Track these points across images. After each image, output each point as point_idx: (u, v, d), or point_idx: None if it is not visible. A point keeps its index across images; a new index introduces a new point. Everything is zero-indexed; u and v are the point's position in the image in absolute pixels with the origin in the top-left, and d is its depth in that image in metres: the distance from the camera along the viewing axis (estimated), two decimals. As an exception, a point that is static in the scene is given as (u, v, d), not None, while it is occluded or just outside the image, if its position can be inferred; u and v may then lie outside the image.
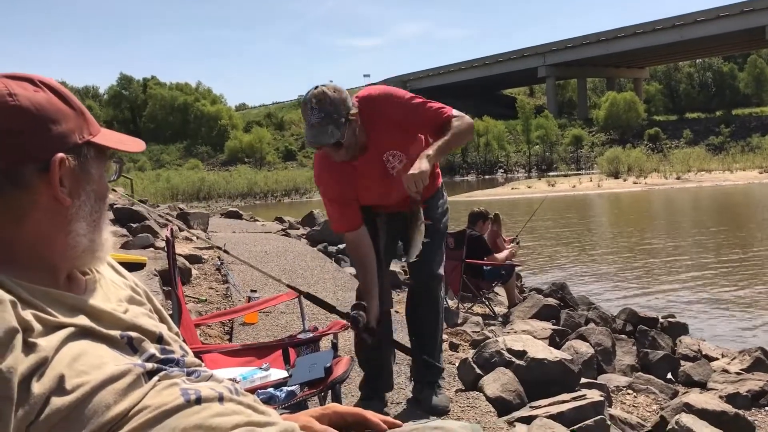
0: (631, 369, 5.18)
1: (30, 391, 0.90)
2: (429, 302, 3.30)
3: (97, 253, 1.11)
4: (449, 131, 2.84)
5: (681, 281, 10.93)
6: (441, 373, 3.41)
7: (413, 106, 2.88)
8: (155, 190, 43.15)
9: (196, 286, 6.50)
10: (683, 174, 42.27)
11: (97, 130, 1.12)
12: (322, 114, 2.65)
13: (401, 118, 2.85)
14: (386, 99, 2.88)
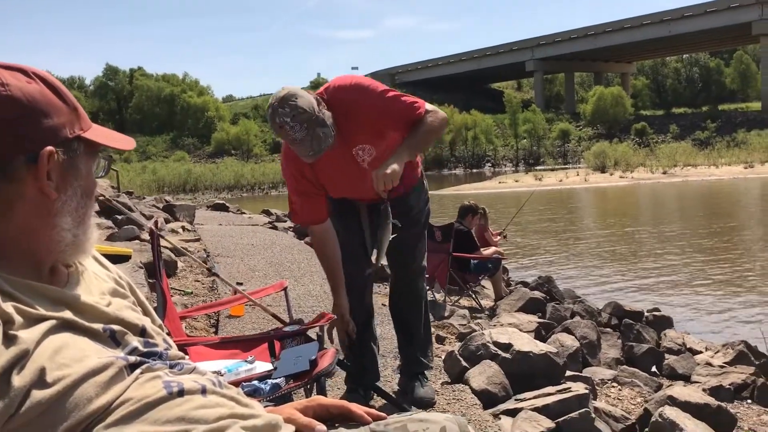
0: (616, 362, 5.22)
1: (10, 384, 0.89)
2: (410, 294, 3.27)
3: (82, 247, 1.10)
4: (422, 128, 2.75)
5: (666, 275, 11.01)
6: (428, 365, 3.39)
7: (386, 100, 2.74)
8: (141, 182, 42.92)
9: (182, 278, 6.47)
10: (669, 168, 42.55)
11: (88, 125, 1.11)
12: (304, 125, 2.52)
13: (373, 112, 2.71)
14: (358, 90, 2.73)
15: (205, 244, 9.13)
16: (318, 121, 2.55)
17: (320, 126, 2.56)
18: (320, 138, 2.57)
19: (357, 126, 2.74)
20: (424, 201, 3.23)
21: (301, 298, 5.68)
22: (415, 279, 3.26)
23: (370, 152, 2.83)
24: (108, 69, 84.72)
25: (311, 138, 2.55)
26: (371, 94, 2.74)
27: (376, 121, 2.74)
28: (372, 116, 2.72)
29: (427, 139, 2.81)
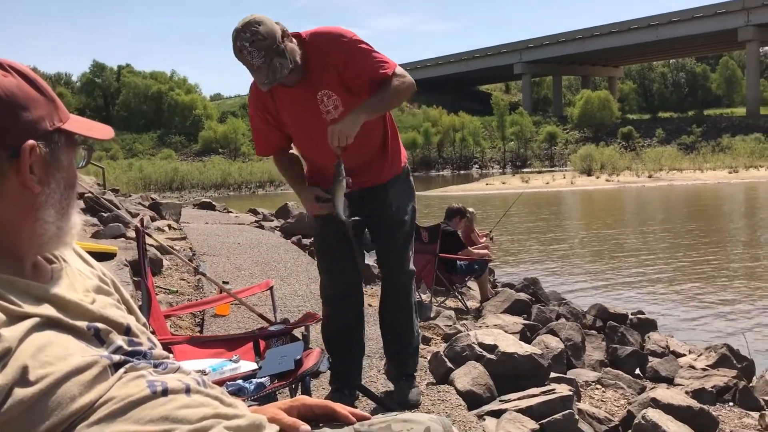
0: (600, 364, 5.25)
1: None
2: (400, 298, 3.23)
3: (64, 239, 1.09)
4: (386, 89, 2.72)
5: (651, 278, 11.08)
6: (415, 367, 3.36)
7: (357, 50, 2.72)
8: (127, 179, 42.65)
9: (167, 276, 6.44)
10: (655, 172, 42.79)
11: (67, 116, 1.10)
12: (262, 53, 2.53)
13: (341, 57, 2.70)
14: (331, 37, 2.73)
15: (191, 242, 9.10)
16: (277, 50, 2.56)
17: (278, 56, 2.56)
18: (276, 68, 2.56)
19: (324, 69, 2.73)
20: (407, 197, 3.14)
21: (287, 298, 5.67)
22: (405, 283, 3.20)
23: (335, 104, 2.77)
24: (95, 65, 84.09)
25: (267, 66, 2.56)
26: (344, 40, 2.73)
27: (343, 68, 2.72)
28: (339, 61, 2.71)
29: (389, 101, 2.77)
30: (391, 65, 2.78)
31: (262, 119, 2.93)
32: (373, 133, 2.95)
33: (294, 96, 2.79)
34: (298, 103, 2.81)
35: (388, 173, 3.03)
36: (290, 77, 2.69)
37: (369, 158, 2.97)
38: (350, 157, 2.75)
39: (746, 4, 64.18)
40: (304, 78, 2.73)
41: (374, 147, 2.98)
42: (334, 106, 2.77)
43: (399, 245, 3.13)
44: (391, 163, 3.04)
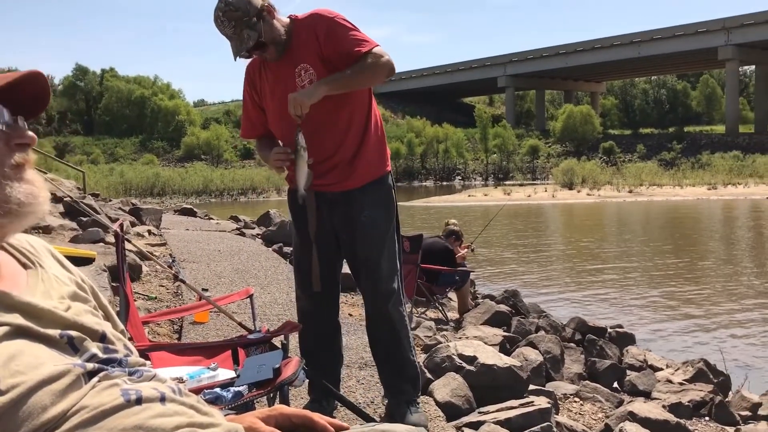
0: (578, 377, 5.27)
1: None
2: (382, 322, 3.03)
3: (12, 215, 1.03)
4: (356, 65, 2.72)
5: (630, 292, 11.16)
6: (415, 390, 3.13)
7: (337, 25, 2.76)
8: (108, 184, 42.37)
9: (146, 283, 6.38)
10: (635, 187, 43.21)
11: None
12: (232, 23, 2.61)
13: (322, 31, 2.75)
14: (317, 14, 2.79)
15: (171, 248, 9.03)
16: (248, 23, 2.63)
17: (248, 28, 2.63)
18: (242, 38, 2.64)
19: (305, 43, 2.78)
20: (385, 208, 2.97)
21: (266, 306, 5.64)
22: (385, 303, 2.98)
23: (312, 77, 2.77)
24: (78, 69, 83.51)
25: (237, 36, 2.64)
26: (327, 16, 2.79)
27: (324, 41, 2.75)
28: (321, 35, 2.75)
29: (358, 77, 2.72)
30: (369, 44, 2.76)
31: (249, 96, 2.97)
32: (350, 124, 2.87)
33: (275, 71, 2.84)
34: (278, 79, 2.84)
35: (363, 176, 2.89)
36: (270, 52, 2.75)
37: (341, 152, 2.86)
38: (318, 141, 2.75)
39: (726, 24, 65.27)
40: (287, 53, 2.79)
41: (349, 140, 2.87)
42: (310, 80, 2.76)
43: (371, 260, 2.93)
44: (368, 166, 2.90)
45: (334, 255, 3.04)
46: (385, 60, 2.75)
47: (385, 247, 2.97)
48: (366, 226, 2.91)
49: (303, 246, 3.01)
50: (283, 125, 2.83)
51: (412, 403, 3.07)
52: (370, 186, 2.91)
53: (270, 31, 2.70)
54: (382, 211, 2.96)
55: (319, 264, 2.93)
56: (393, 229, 3.02)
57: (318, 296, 3.03)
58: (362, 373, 3.90)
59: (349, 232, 2.95)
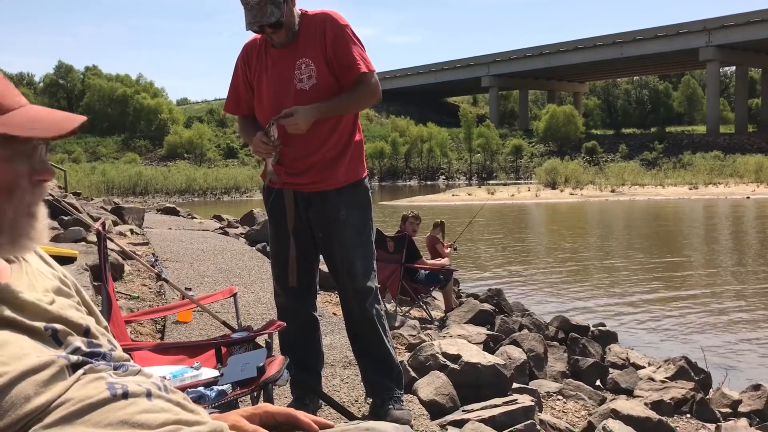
0: (561, 375, 5.30)
1: None
2: (362, 321, 3.05)
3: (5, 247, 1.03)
4: (354, 92, 2.82)
5: (612, 291, 11.25)
6: (398, 386, 3.14)
7: (347, 36, 2.83)
8: (90, 183, 42.01)
9: (128, 282, 6.34)
10: (618, 187, 43.54)
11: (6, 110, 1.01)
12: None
13: (330, 36, 2.81)
14: (330, 16, 2.85)
15: (154, 248, 8.97)
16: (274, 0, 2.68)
17: (273, 4, 2.67)
18: (264, 12, 2.67)
19: (313, 39, 2.82)
20: (361, 209, 3.00)
21: (250, 305, 5.62)
22: (361, 301, 3.01)
23: (310, 74, 2.81)
24: (60, 66, 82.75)
25: (259, 8, 2.66)
26: (340, 23, 2.85)
27: (330, 44, 2.80)
28: (329, 37, 2.81)
29: (348, 104, 2.85)
30: (369, 66, 2.85)
31: (243, 72, 2.97)
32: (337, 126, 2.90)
33: (277, 57, 2.86)
34: (277, 65, 2.87)
35: (342, 178, 2.93)
36: (279, 37, 2.78)
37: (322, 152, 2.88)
38: (301, 136, 2.76)
39: (707, 25, 66.00)
40: (293, 43, 2.83)
41: (332, 141, 2.90)
42: (308, 76, 2.81)
43: (349, 256, 2.97)
44: (348, 170, 2.95)
45: (310, 250, 3.07)
46: (376, 89, 2.88)
47: (362, 246, 3.01)
48: (342, 226, 2.94)
49: (280, 241, 3.03)
50: (268, 111, 2.86)
51: (396, 400, 3.08)
52: (347, 188, 2.95)
53: (289, 16, 2.76)
54: (359, 212, 2.99)
55: (296, 259, 2.97)
56: (369, 229, 3.06)
57: (295, 291, 3.06)
58: (346, 372, 3.90)
59: (325, 232, 2.98)
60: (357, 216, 2.98)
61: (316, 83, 2.81)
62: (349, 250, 2.97)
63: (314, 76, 2.81)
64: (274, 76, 2.87)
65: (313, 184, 2.91)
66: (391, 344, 3.16)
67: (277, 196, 2.98)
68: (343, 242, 2.96)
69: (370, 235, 3.06)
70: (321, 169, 2.90)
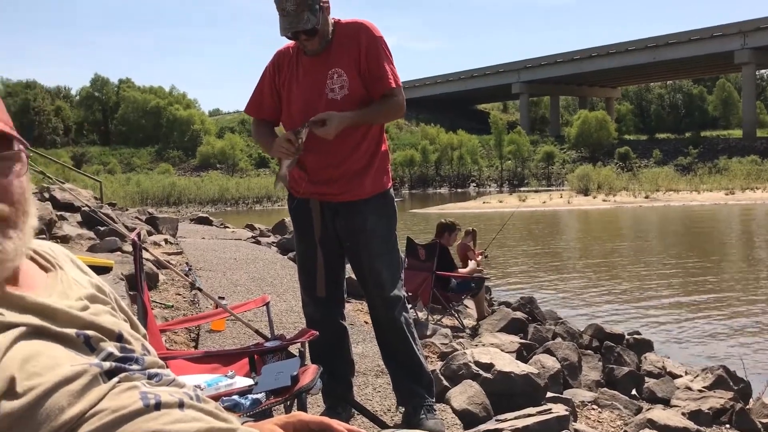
0: (596, 384, 5.23)
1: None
2: (390, 329, 3.05)
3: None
4: (382, 105, 2.86)
5: (647, 298, 11.08)
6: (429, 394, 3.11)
7: (380, 48, 2.86)
8: (125, 193, 42.63)
9: (163, 291, 6.42)
10: (652, 193, 42.91)
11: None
12: (298, 1, 2.67)
13: (364, 47, 2.83)
14: (364, 26, 2.87)
15: (188, 257, 9.07)
16: (311, 7, 2.69)
17: (309, 11, 2.69)
18: (300, 18, 2.68)
19: (346, 49, 2.84)
20: (387, 218, 3.02)
21: (282, 314, 5.65)
22: (390, 312, 3.01)
23: (342, 84, 2.83)
24: (96, 79, 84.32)
25: (296, 15, 2.68)
26: (374, 34, 2.87)
27: (363, 55, 2.83)
28: (362, 48, 2.83)
29: (375, 115, 2.89)
30: (397, 82, 2.89)
31: (271, 78, 2.99)
32: (366, 135, 2.93)
33: (308, 66, 2.88)
34: (309, 73, 2.88)
35: (369, 189, 2.95)
36: (313, 45, 2.80)
37: (351, 161, 2.91)
38: (331, 145, 2.78)
39: (742, 27, 64.85)
40: (325, 51, 2.84)
41: (361, 151, 2.93)
42: (340, 86, 2.84)
43: (376, 265, 2.98)
44: (375, 180, 2.97)
45: (337, 260, 3.10)
46: (402, 104, 2.92)
47: (388, 255, 3.04)
48: (369, 235, 2.97)
49: (307, 251, 3.06)
50: (298, 119, 2.87)
51: (428, 409, 3.07)
52: (373, 198, 2.98)
53: (324, 24, 2.78)
54: (385, 221, 3.02)
55: (324, 269, 3.00)
56: (395, 238, 3.10)
57: (323, 301, 3.07)
58: (379, 381, 3.89)
59: (352, 241, 3.00)
60: (383, 226, 3.00)
61: (347, 93, 2.83)
62: (376, 259, 2.99)
63: (346, 87, 2.83)
64: (305, 84, 2.88)
65: (340, 194, 2.93)
66: (421, 352, 3.16)
67: (303, 206, 3.00)
68: (370, 252, 2.98)
69: (396, 244, 3.10)
70: (349, 179, 2.92)
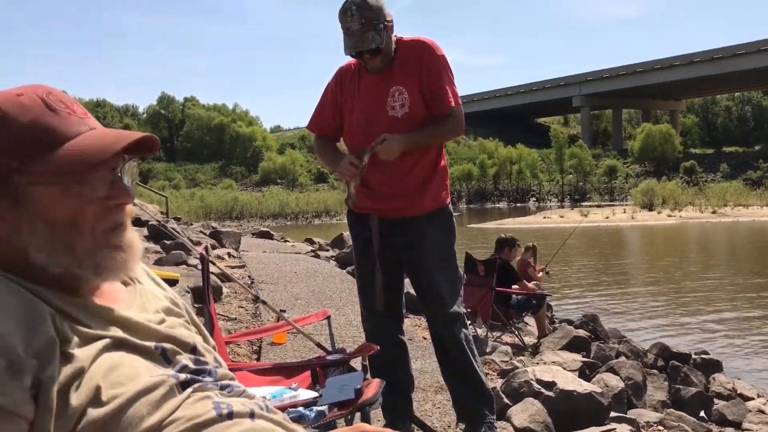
0: (662, 405, 5.08)
1: (68, 402, 0.91)
2: (450, 345, 3.04)
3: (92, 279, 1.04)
4: (442, 125, 2.87)
5: (715, 317, 10.71)
6: (489, 411, 3.07)
7: (442, 68, 2.87)
8: (189, 208, 43.69)
9: (226, 304, 6.55)
10: (719, 208, 41.57)
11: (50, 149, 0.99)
12: (362, 20, 2.68)
13: (426, 66, 2.84)
14: (428, 45, 2.87)
15: (250, 270, 9.24)
16: (376, 26, 2.71)
17: (374, 30, 2.70)
18: (365, 38, 2.70)
19: (408, 68, 2.85)
20: (447, 234, 3.02)
21: (342, 328, 5.69)
22: (448, 326, 3.01)
23: (403, 102, 2.84)
24: (162, 98, 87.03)
25: (360, 34, 2.69)
26: (437, 53, 2.88)
27: (425, 75, 2.84)
28: (425, 67, 2.84)
29: (438, 136, 2.92)
30: (457, 101, 2.90)
31: (333, 95, 3.02)
32: (427, 151, 2.95)
33: (370, 84, 2.90)
34: (371, 91, 2.91)
35: (428, 204, 2.96)
36: (375, 63, 2.82)
37: (412, 176, 2.93)
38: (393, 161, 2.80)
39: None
40: (387, 69, 2.87)
41: (421, 166, 2.95)
42: (401, 104, 2.85)
43: (435, 280, 2.98)
44: (434, 195, 2.99)
45: (396, 275, 3.11)
46: (461, 123, 2.93)
47: (447, 271, 3.03)
48: (428, 251, 2.97)
49: (366, 266, 3.07)
50: (359, 137, 2.91)
51: (489, 426, 3.04)
52: (432, 213, 2.99)
53: (388, 42, 2.81)
54: (445, 237, 3.02)
55: (382, 284, 3.01)
56: (454, 254, 3.09)
57: (383, 316, 3.09)
58: (438, 397, 3.88)
59: (411, 257, 3.01)
60: (443, 241, 3.00)
61: (408, 112, 2.85)
62: (435, 275, 2.98)
63: (407, 105, 2.85)
64: (366, 102, 2.91)
65: (400, 209, 2.95)
66: (481, 368, 3.14)
67: (363, 221, 3.03)
68: (429, 267, 2.98)
69: (455, 260, 3.09)
70: (408, 195, 2.94)
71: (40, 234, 0.99)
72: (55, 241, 0.99)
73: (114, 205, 1.05)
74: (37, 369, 0.90)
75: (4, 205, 0.99)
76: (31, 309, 0.95)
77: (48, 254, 0.99)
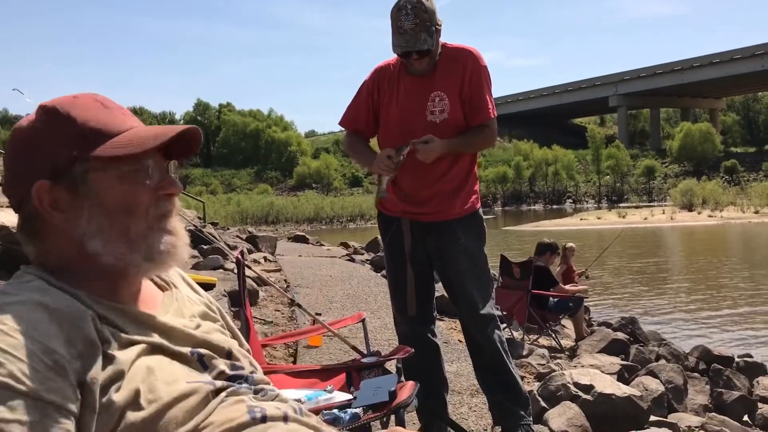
0: (703, 409, 4.98)
1: (110, 402, 0.94)
2: (484, 348, 3.03)
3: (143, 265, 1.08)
4: (478, 134, 2.89)
5: (758, 319, 10.46)
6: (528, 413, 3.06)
7: (483, 79, 2.88)
8: (226, 213, 44.27)
9: (262, 307, 6.61)
10: (762, 208, 40.60)
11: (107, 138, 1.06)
12: (417, 20, 2.68)
13: (468, 74, 2.85)
14: (472, 54, 2.89)
15: (286, 274, 9.31)
16: (428, 28, 2.71)
17: (426, 32, 2.71)
18: (418, 39, 2.70)
19: (450, 74, 2.85)
20: (478, 238, 3.03)
21: (377, 331, 5.70)
22: (482, 330, 3.00)
23: (443, 107, 2.85)
24: (198, 104, 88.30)
25: (413, 34, 2.69)
26: (481, 63, 2.89)
27: (467, 83, 2.84)
28: (467, 75, 2.85)
29: (474, 144, 2.95)
30: (493, 113, 2.92)
31: (369, 94, 3.01)
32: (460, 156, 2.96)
33: (410, 87, 2.90)
34: (411, 94, 2.91)
35: (460, 209, 2.97)
36: (421, 65, 2.82)
37: (445, 181, 2.94)
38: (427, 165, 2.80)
39: None
40: (430, 73, 2.86)
41: (455, 171, 2.95)
42: (441, 109, 2.86)
43: (467, 283, 2.98)
44: (465, 201, 3.00)
45: (428, 279, 3.11)
46: (495, 135, 2.98)
47: (479, 274, 3.03)
48: (460, 255, 2.97)
49: (398, 270, 3.08)
50: (396, 138, 2.90)
51: (526, 429, 3.02)
52: (464, 218, 2.99)
53: (436, 46, 2.81)
54: (475, 241, 3.02)
55: (414, 288, 3.01)
56: (485, 257, 3.08)
57: (415, 319, 3.08)
58: (474, 401, 3.87)
59: (443, 261, 3.01)
60: (474, 245, 3.00)
61: (446, 118, 2.85)
62: (466, 278, 2.99)
63: (446, 111, 2.85)
64: (405, 104, 2.91)
65: (432, 214, 2.95)
66: (516, 370, 3.12)
67: (395, 225, 3.04)
68: (461, 271, 2.98)
69: (486, 263, 3.08)
70: (441, 200, 2.94)
71: (98, 219, 1.04)
72: (112, 227, 1.05)
73: (164, 194, 1.10)
74: (81, 370, 0.93)
75: (65, 196, 1.04)
76: (73, 312, 0.97)
77: (103, 240, 1.04)
